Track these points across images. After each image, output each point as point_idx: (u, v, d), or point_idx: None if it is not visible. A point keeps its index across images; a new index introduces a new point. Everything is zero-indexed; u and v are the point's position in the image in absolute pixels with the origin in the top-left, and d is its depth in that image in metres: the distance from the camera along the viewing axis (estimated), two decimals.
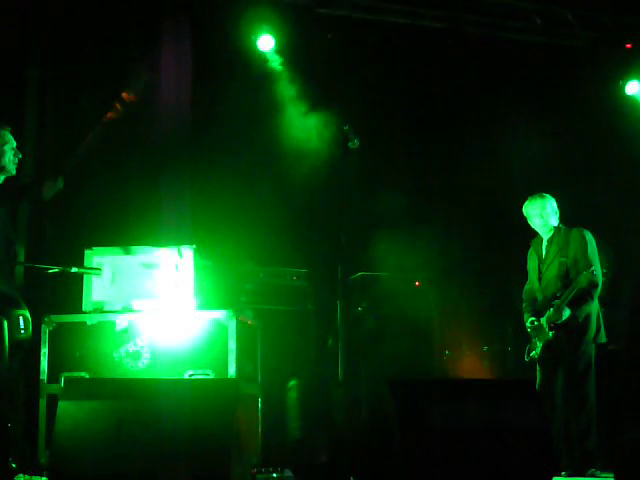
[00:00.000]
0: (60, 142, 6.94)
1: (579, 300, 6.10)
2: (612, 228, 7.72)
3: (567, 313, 6.10)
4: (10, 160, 5.41)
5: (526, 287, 6.59)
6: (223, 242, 7.06)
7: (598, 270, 6.19)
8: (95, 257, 6.09)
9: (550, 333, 6.19)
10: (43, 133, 7.12)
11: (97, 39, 7.31)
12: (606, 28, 8.56)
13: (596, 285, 6.15)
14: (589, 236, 6.30)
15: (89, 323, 5.92)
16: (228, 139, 7.84)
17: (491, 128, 8.43)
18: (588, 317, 6.16)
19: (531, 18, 8.43)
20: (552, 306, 6.16)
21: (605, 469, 5.91)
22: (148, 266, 6.08)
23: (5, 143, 5.40)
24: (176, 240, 6.25)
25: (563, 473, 5.90)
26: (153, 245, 6.16)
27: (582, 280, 6.05)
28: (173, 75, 7.20)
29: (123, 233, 6.67)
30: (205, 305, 6.05)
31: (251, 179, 7.89)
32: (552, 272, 6.30)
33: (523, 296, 6.58)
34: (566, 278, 6.20)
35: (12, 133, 5.46)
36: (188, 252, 6.07)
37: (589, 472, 5.95)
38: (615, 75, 8.58)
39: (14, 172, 5.44)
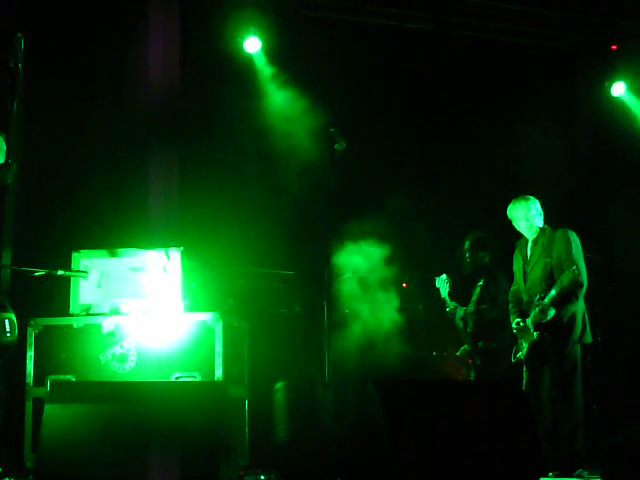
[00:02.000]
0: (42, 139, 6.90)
1: (563, 300, 6.11)
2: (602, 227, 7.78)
3: (551, 313, 6.11)
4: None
5: (512, 288, 6.61)
6: (210, 244, 7.05)
7: (583, 269, 6.19)
8: (82, 260, 6.07)
9: (535, 334, 6.21)
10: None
11: (81, 36, 7.30)
12: (592, 30, 8.59)
13: (581, 285, 6.15)
14: (573, 236, 6.30)
15: (75, 326, 5.90)
16: (216, 141, 7.84)
17: (474, 128, 8.45)
18: (573, 317, 6.16)
19: (517, 20, 8.45)
20: (537, 307, 6.18)
21: (593, 470, 5.93)
22: (135, 269, 6.06)
23: None
24: (163, 242, 6.23)
25: (551, 474, 5.91)
26: (140, 247, 6.14)
27: (564, 279, 6.04)
28: (160, 73, 7.18)
29: (110, 235, 6.65)
30: (192, 307, 6.03)
31: (239, 182, 7.89)
32: (537, 273, 6.31)
33: (509, 297, 6.60)
34: (550, 279, 6.20)
35: (6, 140, 5.40)
36: (175, 254, 6.05)
37: (576, 473, 5.95)
38: (601, 77, 8.60)
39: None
